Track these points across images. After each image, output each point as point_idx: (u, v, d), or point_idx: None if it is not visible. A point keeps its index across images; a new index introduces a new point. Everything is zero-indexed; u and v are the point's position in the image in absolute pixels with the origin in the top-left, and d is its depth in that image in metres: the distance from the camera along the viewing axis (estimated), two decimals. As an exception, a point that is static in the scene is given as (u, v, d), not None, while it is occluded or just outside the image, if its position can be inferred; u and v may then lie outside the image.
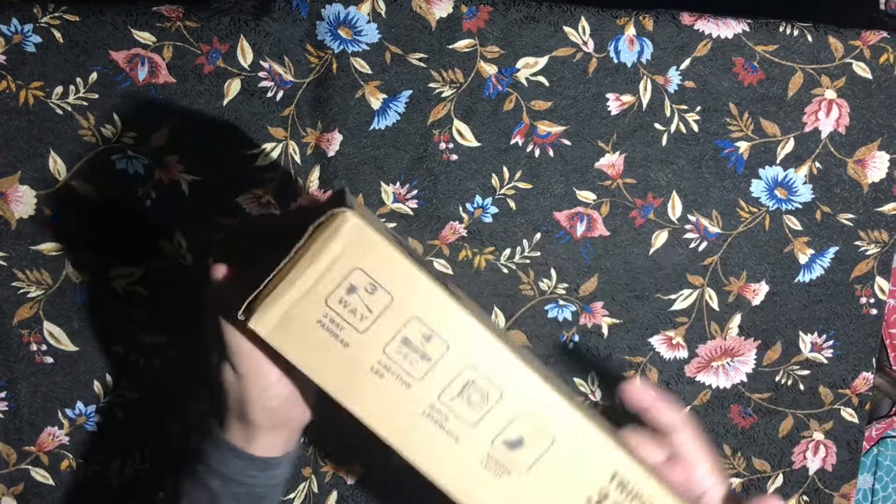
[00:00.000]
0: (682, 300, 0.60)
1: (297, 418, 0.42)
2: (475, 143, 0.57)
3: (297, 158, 0.56)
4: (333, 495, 0.60)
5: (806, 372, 0.61)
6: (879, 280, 0.60)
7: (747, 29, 0.56)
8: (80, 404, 0.57)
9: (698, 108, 0.57)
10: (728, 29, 0.56)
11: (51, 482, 0.58)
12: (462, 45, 0.56)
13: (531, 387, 0.36)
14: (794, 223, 0.59)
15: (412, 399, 0.36)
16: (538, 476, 0.37)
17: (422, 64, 0.56)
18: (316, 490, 0.60)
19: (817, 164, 0.58)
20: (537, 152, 0.57)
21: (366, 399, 0.36)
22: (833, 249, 0.59)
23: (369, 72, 0.56)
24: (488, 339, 0.36)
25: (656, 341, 0.60)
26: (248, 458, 0.42)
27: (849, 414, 0.62)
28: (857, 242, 0.59)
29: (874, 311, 0.61)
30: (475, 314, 0.37)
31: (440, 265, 0.58)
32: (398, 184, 0.57)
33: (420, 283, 0.35)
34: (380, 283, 0.35)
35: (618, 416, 0.57)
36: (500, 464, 0.37)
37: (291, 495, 0.59)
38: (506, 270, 0.59)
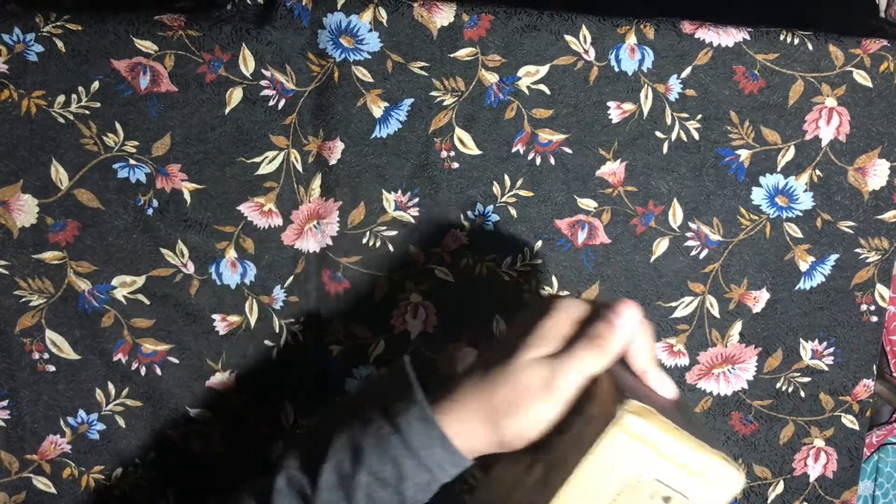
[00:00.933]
0: (683, 307, 0.60)
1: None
2: (476, 151, 0.57)
3: (299, 166, 0.56)
4: None
5: (807, 379, 0.61)
6: (880, 287, 0.60)
7: (748, 37, 0.56)
8: (81, 412, 0.57)
9: (699, 117, 0.57)
10: (729, 37, 0.56)
11: (53, 490, 0.58)
12: (463, 53, 0.56)
13: None
14: (794, 231, 0.59)
15: None
16: None
17: (423, 72, 0.56)
18: None
19: (818, 172, 0.58)
20: (538, 160, 0.57)
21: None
22: (834, 257, 0.60)
23: (371, 80, 0.56)
24: None
25: (657, 349, 0.60)
26: (453, 451, 0.38)
27: (849, 421, 0.62)
28: (857, 250, 0.60)
29: (875, 319, 0.61)
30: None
31: (442, 272, 0.58)
32: (400, 192, 0.57)
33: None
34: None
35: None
36: None
37: None
38: (507, 278, 0.59)
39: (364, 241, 0.58)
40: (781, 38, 0.56)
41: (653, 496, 0.34)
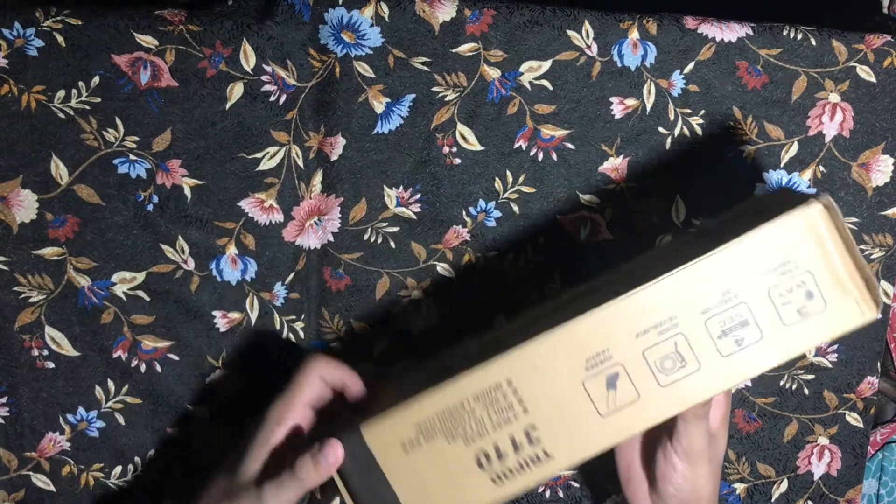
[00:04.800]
0: (686, 304, 0.60)
1: None
2: (478, 147, 0.57)
3: (300, 162, 0.56)
4: None
5: (811, 376, 0.61)
6: (884, 284, 0.60)
7: (751, 33, 0.56)
8: (81, 409, 0.57)
9: (702, 112, 0.57)
10: (732, 33, 0.56)
11: (52, 488, 0.58)
12: (465, 48, 0.55)
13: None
14: (798, 227, 0.59)
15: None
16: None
17: (425, 68, 0.56)
18: None
19: (821, 168, 0.58)
20: (541, 156, 0.57)
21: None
22: (837, 253, 0.59)
23: (372, 76, 0.55)
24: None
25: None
26: None
27: (854, 419, 0.62)
28: (861, 246, 0.59)
29: (879, 316, 0.60)
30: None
31: (443, 269, 0.58)
32: (401, 188, 0.57)
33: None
34: (811, 293, 0.39)
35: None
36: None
37: None
38: (509, 275, 0.58)
39: (365, 237, 0.57)
40: (784, 33, 0.56)
41: (799, 286, 0.38)
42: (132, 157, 0.55)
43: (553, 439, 0.40)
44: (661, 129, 0.57)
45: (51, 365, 0.56)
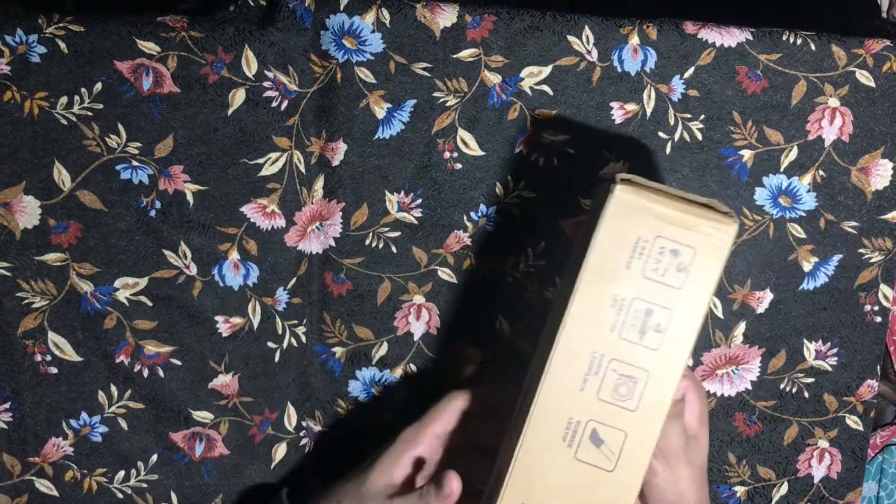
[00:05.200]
0: (687, 308, 0.60)
1: None
2: (479, 152, 0.57)
3: (302, 168, 0.56)
4: None
5: (811, 380, 0.61)
6: (884, 288, 0.60)
7: (751, 38, 0.56)
8: (84, 415, 0.57)
9: (702, 117, 0.57)
10: (731, 38, 0.56)
11: (55, 493, 0.58)
12: (466, 54, 0.56)
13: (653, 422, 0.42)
14: (798, 231, 0.59)
15: (599, 342, 0.40)
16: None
17: (426, 73, 0.56)
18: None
19: (821, 173, 0.58)
20: (541, 161, 0.57)
21: (583, 305, 0.40)
22: (837, 257, 0.60)
23: (373, 81, 0.56)
24: (673, 380, 0.41)
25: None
26: None
27: (853, 422, 0.62)
28: (861, 250, 0.59)
29: (878, 319, 0.61)
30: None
31: (445, 274, 0.58)
32: (403, 193, 0.57)
33: (696, 309, 0.40)
34: (686, 271, 0.39)
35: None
36: (574, 438, 0.41)
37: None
38: (510, 279, 0.59)
39: (367, 242, 0.58)
40: (784, 38, 0.56)
41: (661, 252, 0.39)
42: (134, 162, 0.55)
43: None
44: (661, 134, 0.57)
45: (54, 370, 0.56)
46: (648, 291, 0.39)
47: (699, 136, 0.58)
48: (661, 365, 0.40)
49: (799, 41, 0.56)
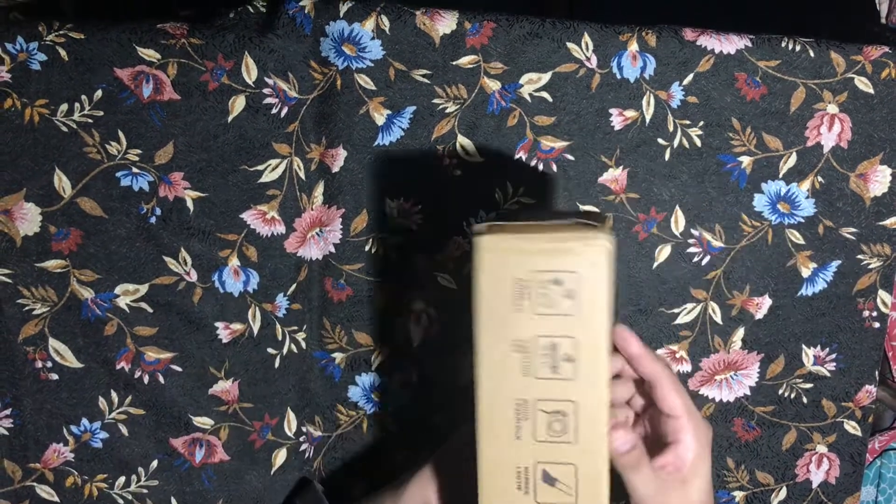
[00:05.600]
0: (686, 314, 0.60)
1: None
2: (479, 159, 0.57)
3: (302, 174, 0.56)
4: None
5: (809, 385, 0.61)
6: (882, 293, 0.60)
7: (749, 44, 0.56)
8: (85, 421, 0.57)
9: (701, 123, 0.57)
10: (730, 44, 0.56)
11: (56, 499, 0.58)
12: (466, 61, 0.56)
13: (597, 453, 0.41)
14: (796, 237, 0.59)
15: (518, 385, 0.40)
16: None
17: (426, 80, 0.56)
18: None
19: (820, 179, 0.58)
20: (541, 167, 0.58)
21: (489, 355, 0.40)
22: (835, 263, 0.60)
23: (373, 88, 0.56)
24: (602, 405, 0.40)
25: (660, 355, 0.60)
26: None
27: (852, 427, 0.62)
28: (859, 256, 0.60)
29: (877, 325, 0.61)
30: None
31: (445, 280, 0.58)
32: (402, 199, 0.57)
33: (599, 330, 0.39)
34: (575, 297, 0.38)
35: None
36: (528, 483, 0.41)
37: None
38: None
39: (367, 248, 0.58)
40: (783, 44, 0.56)
41: (544, 286, 0.38)
42: (135, 169, 0.55)
43: None
44: (660, 141, 0.58)
45: (54, 376, 0.57)
46: (546, 327, 0.39)
47: (698, 142, 0.58)
48: (584, 391, 0.39)
49: (798, 48, 0.56)
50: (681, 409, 0.44)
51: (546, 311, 0.38)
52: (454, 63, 0.56)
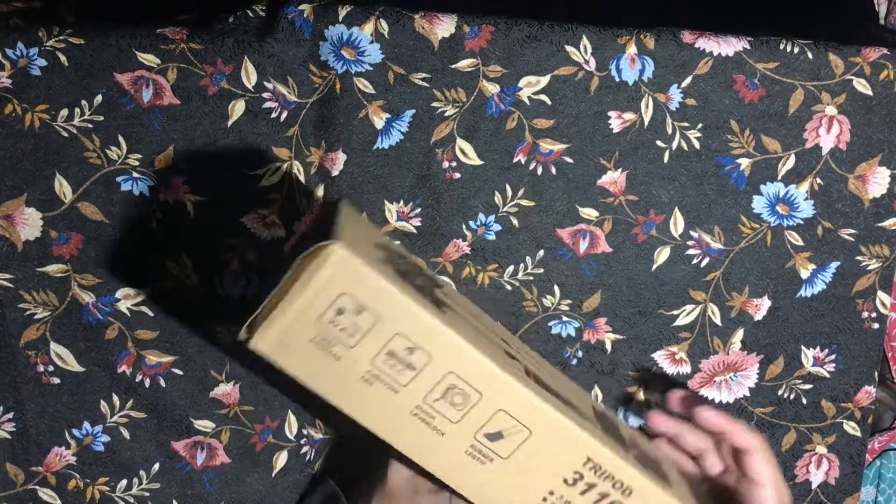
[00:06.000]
0: (685, 316, 0.60)
1: None
2: (478, 162, 0.57)
3: (302, 178, 0.57)
4: None
5: (808, 386, 0.62)
6: (881, 294, 0.61)
7: (748, 47, 0.56)
8: (86, 424, 0.58)
9: (700, 126, 0.58)
10: (729, 47, 0.56)
11: (58, 502, 0.58)
12: (464, 64, 0.56)
13: (508, 388, 0.41)
14: (795, 239, 0.59)
15: (400, 402, 0.41)
16: (517, 462, 0.43)
17: (424, 83, 0.56)
18: None
19: (818, 180, 0.59)
20: (540, 170, 0.58)
21: (359, 403, 0.41)
22: (834, 264, 0.60)
23: (372, 92, 0.56)
24: (467, 349, 0.40)
25: (659, 357, 0.61)
26: None
27: (851, 427, 0.62)
28: (858, 257, 0.60)
29: (876, 326, 0.61)
30: (457, 326, 0.41)
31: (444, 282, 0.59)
32: (402, 202, 0.58)
33: (403, 304, 0.39)
34: (366, 306, 0.38)
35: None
36: (483, 453, 0.42)
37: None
38: (509, 287, 0.59)
39: (367, 251, 0.58)
40: (781, 47, 0.56)
41: (334, 322, 0.38)
42: (135, 174, 0.55)
43: None
44: (659, 143, 0.58)
45: (56, 380, 0.57)
46: (370, 347, 0.39)
47: (697, 144, 0.58)
48: (446, 356, 0.40)
49: (796, 50, 0.56)
50: (769, 478, 0.49)
51: (355, 337, 0.39)
52: (453, 66, 0.56)
